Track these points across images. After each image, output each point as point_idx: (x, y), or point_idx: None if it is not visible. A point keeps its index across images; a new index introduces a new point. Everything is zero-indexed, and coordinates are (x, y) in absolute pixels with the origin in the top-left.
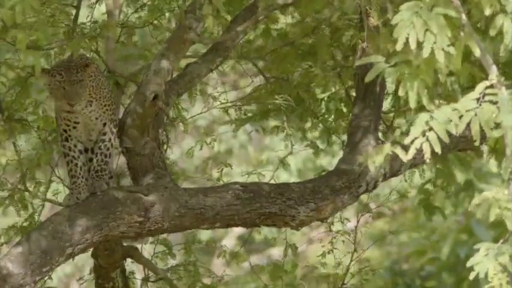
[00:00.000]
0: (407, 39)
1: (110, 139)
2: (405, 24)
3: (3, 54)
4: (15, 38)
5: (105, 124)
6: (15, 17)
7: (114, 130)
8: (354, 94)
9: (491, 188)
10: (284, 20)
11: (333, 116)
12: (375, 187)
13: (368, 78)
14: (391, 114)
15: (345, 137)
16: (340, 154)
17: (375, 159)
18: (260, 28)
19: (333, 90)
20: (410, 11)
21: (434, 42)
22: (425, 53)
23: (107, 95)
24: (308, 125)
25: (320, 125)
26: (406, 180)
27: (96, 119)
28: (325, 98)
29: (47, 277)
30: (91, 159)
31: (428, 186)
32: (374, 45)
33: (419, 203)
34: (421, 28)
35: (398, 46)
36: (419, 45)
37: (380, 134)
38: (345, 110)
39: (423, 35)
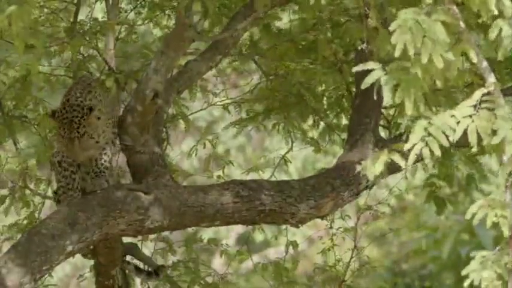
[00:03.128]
0: (405, 45)
1: (111, 148)
2: (403, 30)
3: (3, 52)
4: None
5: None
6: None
7: (115, 129)
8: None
9: (491, 189)
10: (285, 17)
11: (335, 113)
12: (374, 184)
13: (364, 85)
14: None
15: (345, 136)
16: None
17: (373, 168)
18: (260, 25)
19: (334, 86)
20: (409, 17)
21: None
22: (424, 59)
23: (108, 110)
24: (309, 122)
25: (321, 122)
26: (406, 178)
27: (99, 136)
28: (327, 94)
29: (47, 275)
30: (79, 166)
31: (434, 180)
32: (374, 46)
33: (428, 196)
34: (419, 35)
35: (397, 52)
36: (416, 52)
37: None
38: (346, 105)
39: (421, 42)
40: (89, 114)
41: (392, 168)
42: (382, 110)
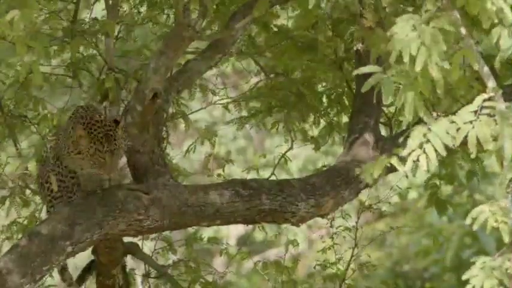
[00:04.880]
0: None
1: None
2: (400, 37)
3: (3, 53)
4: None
5: None
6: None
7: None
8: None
9: (493, 190)
10: (285, 15)
11: (335, 110)
12: (375, 182)
13: (364, 88)
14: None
15: (346, 134)
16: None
17: (371, 171)
18: (260, 23)
19: (334, 84)
20: (407, 23)
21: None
22: (418, 67)
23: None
24: (310, 121)
25: (322, 121)
26: (407, 176)
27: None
28: (327, 92)
29: (47, 276)
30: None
31: (435, 181)
32: (368, 45)
33: (429, 201)
34: (415, 42)
35: (392, 59)
36: (413, 58)
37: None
38: (347, 103)
39: (416, 50)
40: (118, 128)
41: (391, 167)
42: (383, 107)
